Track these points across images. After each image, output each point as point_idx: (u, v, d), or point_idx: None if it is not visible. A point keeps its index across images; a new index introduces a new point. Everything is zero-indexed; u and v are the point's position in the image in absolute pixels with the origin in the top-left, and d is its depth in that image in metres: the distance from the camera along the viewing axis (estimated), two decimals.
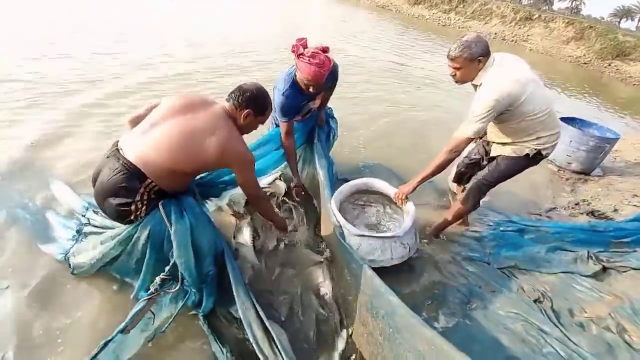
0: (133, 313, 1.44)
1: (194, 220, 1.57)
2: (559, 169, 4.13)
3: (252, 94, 1.61)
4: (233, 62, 5.95)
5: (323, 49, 2.04)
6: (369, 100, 5.38)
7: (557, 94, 8.41)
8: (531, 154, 2.05)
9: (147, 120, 1.54)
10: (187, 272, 1.53)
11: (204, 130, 1.48)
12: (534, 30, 18.64)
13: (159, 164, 1.44)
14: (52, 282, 1.82)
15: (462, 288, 2.20)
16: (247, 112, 1.61)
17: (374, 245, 1.94)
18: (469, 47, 1.83)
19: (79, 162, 2.74)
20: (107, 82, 4.37)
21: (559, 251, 2.59)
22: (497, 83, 1.84)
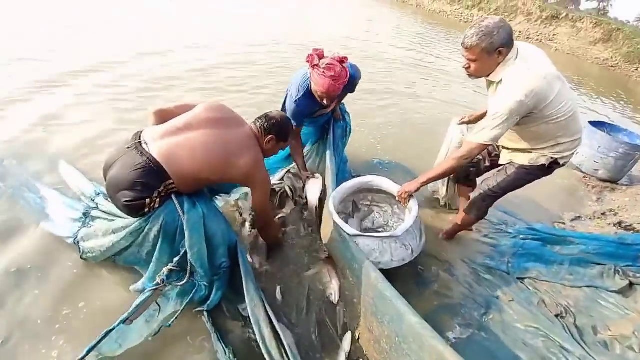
0: (137, 303, 1.39)
1: (206, 210, 1.58)
2: (585, 176, 3.93)
3: (277, 122, 1.72)
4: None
5: (341, 59, 1.94)
6: (387, 95, 5.23)
7: (584, 97, 8.08)
8: (547, 164, 1.81)
9: (180, 120, 1.56)
10: (199, 263, 1.52)
11: (238, 148, 1.57)
12: (561, 29, 17.98)
13: (188, 169, 1.47)
14: (58, 266, 1.80)
15: (479, 298, 2.08)
16: (270, 137, 1.71)
17: (372, 246, 1.81)
18: (489, 34, 1.50)
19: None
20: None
21: (583, 264, 2.44)
22: (522, 80, 1.56)
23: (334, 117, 2.58)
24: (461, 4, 22.27)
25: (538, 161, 1.82)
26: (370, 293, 1.49)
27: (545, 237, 2.60)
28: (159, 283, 1.41)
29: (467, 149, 1.74)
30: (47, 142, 2.72)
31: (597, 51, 16.25)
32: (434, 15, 21.13)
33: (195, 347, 1.56)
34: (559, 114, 1.65)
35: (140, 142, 1.46)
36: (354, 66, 2.24)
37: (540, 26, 18.68)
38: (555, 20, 18.46)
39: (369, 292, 1.50)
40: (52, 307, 1.61)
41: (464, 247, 2.49)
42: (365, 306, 1.56)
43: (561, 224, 2.94)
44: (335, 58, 1.93)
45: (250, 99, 4.14)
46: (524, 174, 1.90)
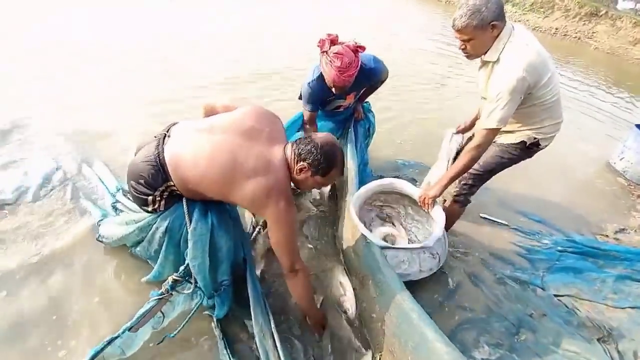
0: (141, 313, 1.34)
1: (216, 222, 1.43)
2: (630, 184, 3.61)
3: (315, 147, 1.34)
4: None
5: (355, 48, 1.77)
6: (412, 94, 5.02)
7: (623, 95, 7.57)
8: (528, 142, 1.77)
9: (207, 121, 1.40)
10: (200, 276, 1.40)
11: (252, 168, 1.26)
12: (600, 27, 17.02)
13: (188, 176, 1.30)
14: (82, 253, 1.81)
15: (510, 315, 1.91)
16: (301, 165, 1.34)
17: (400, 257, 1.69)
18: (478, 11, 1.47)
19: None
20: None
21: (628, 281, 2.21)
22: (520, 55, 1.51)
23: (355, 116, 2.44)
24: None
25: (518, 138, 1.78)
26: (393, 312, 1.36)
27: (586, 250, 2.38)
28: (163, 293, 1.35)
29: (480, 137, 1.67)
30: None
31: (637, 51, 15.32)
32: (453, 8, 20.43)
33: (200, 349, 1.49)
34: (548, 96, 1.63)
35: (166, 134, 1.39)
36: (377, 60, 2.08)
37: (578, 23, 17.75)
38: (594, 17, 17.49)
39: (392, 310, 1.37)
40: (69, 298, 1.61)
41: (493, 256, 2.30)
42: (387, 325, 1.42)
43: (604, 236, 2.68)
44: (349, 46, 1.77)
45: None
46: (505, 152, 1.85)
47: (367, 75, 2.01)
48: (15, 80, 3.36)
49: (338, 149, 1.41)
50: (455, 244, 2.32)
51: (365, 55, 1.95)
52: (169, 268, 1.55)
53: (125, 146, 2.55)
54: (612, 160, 3.92)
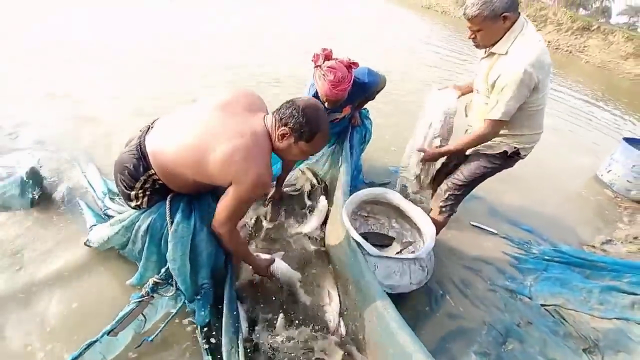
0: (121, 315, 1.31)
1: (199, 225, 1.39)
2: (617, 196, 3.67)
3: (296, 109, 1.24)
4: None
5: (349, 64, 1.79)
6: (406, 100, 5.05)
7: (615, 111, 7.71)
8: (509, 152, 1.78)
9: (190, 106, 1.39)
10: (181, 279, 1.36)
11: (220, 136, 1.18)
12: (591, 41, 17.38)
13: (166, 158, 1.28)
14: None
15: (497, 324, 1.91)
16: (282, 130, 1.26)
17: (393, 267, 1.67)
18: (489, 1, 1.46)
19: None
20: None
21: (614, 292, 2.24)
22: (531, 51, 1.49)
23: (352, 123, 2.45)
24: None
25: (500, 147, 1.79)
26: (374, 319, 1.35)
27: (573, 260, 2.40)
28: (144, 295, 1.32)
29: (486, 127, 1.66)
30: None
31: (628, 66, 15.64)
32: (459, 21, 20.76)
33: (182, 356, 1.45)
34: (536, 103, 1.63)
35: (150, 126, 1.40)
36: (371, 73, 2.10)
37: (570, 37, 18.10)
38: (586, 31, 17.86)
39: (374, 317, 1.36)
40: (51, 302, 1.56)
41: (482, 264, 2.32)
42: (369, 332, 1.41)
43: (591, 247, 2.72)
44: (342, 61, 1.79)
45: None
46: (488, 162, 1.87)
47: (361, 89, 2.03)
48: (13, 79, 3.33)
49: (322, 110, 1.32)
50: (444, 251, 2.32)
51: (360, 69, 1.96)
52: (152, 270, 1.52)
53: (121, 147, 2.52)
54: (599, 172, 3.98)
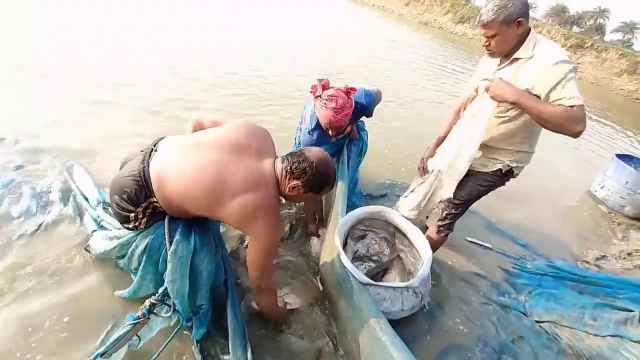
0: (116, 337, 1.28)
1: (199, 244, 1.38)
2: (610, 211, 3.71)
3: (310, 166, 1.30)
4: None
5: (347, 90, 1.83)
6: (404, 113, 5.11)
7: (608, 128, 7.83)
8: (504, 170, 1.80)
9: (199, 135, 1.36)
10: (178, 299, 1.35)
11: (240, 185, 1.22)
12: (585, 58, 17.75)
13: (172, 194, 1.26)
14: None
15: (492, 340, 1.91)
16: (295, 184, 1.31)
17: (383, 294, 1.65)
18: (504, 7, 1.46)
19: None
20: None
21: (608, 308, 2.24)
22: (559, 48, 1.50)
23: (350, 136, 2.48)
24: None
25: (495, 166, 1.82)
26: (367, 335, 1.34)
27: (568, 276, 2.41)
28: (140, 317, 1.30)
29: (577, 112, 1.41)
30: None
31: (621, 82, 15.95)
32: (454, 38, 21.12)
33: None
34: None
35: (153, 149, 1.36)
36: (367, 94, 2.14)
37: None
38: (580, 49, 18.23)
39: (367, 334, 1.35)
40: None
41: (477, 279, 2.32)
42: (363, 349, 1.40)
43: (585, 263, 2.73)
44: (340, 89, 1.83)
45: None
46: (483, 180, 1.89)
47: (360, 111, 2.08)
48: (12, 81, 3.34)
49: (331, 166, 1.38)
50: (440, 266, 2.33)
51: (356, 92, 2.00)
52: (146, 287, 1.51)
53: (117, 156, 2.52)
54: (593, 188, 4.02)
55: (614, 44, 27.66)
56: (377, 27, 16.53)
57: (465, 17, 23.79)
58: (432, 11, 26.88)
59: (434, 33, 20.35)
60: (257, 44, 7.14)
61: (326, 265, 1.85)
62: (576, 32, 31.99)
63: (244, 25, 8.81)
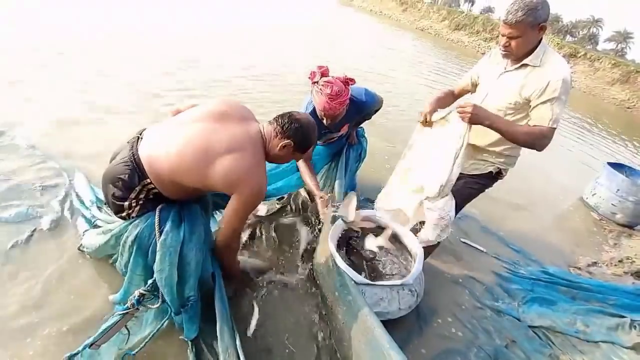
0: (104, 328, 1.28)
1: (188, 234, 1.39)
2: (602, 219, 3.77)
3: (302, 126, 1.43)
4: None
5: (345, 80, 1.84)
6: (403, 118, 5.15)
7: (599, 136, 7.94)
8: (494, 172, 1.86)
9: (181, 115, 1.43)
10: (167, 290, 1.35)
11: (226, 147, 1.27)
12: (578, 67, 17.99)
13: (163, 167, 1.30)
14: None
15: (486, 345, 1.92)
16: (287, 142, 1.41)
17: (380, 294, 1.66)
18: (534, 9, 1.45)
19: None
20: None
21: (600, 314, 2.27)
22: (564, 62, 1.56)
23: (348, 141, 2.49)
24: (479, 35, 22.53)
25: (487, 168, 1.87)
26: (362, 338, 1.35)
27: (560, 282, 2.44)
28: (129, 307, 1.30)
29: (546, 134, 1.56)
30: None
31: (614, 91, 16.19)
32: (451, 44, 21.34)
33: None
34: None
35: (139, 137, 1.40)
36: (368, 93, 2.15)
37: None
38: (573, 58, 18.49)
39: (361, 336, 1.36)
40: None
41: (472, 283, 2.34)
42: (357, 352, 1.41)
43: (577, 269, 2.77)
44: (339, 78, 1.84)
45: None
46: (474, 182, 1.92)
47: (358, 107, 2.07)
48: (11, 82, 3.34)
49: (315, 126, 1.52)
50: (434, 269, 2.35)
51: (357, 88, 2.01)
52: (137, 284, 1.47)
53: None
54: (585, 195, 4.08)
55: (607, 53, 28.16)
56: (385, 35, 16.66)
57: (461, 25, 24.05)
58: (428, 18, 27.16)
59: (431, 39, 20.55)
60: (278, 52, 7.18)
61: (322, 272, 1.85)
62: (569, 42, 32.45)
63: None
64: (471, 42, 22.16)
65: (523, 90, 1.60)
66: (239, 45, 7.09)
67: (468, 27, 23.55)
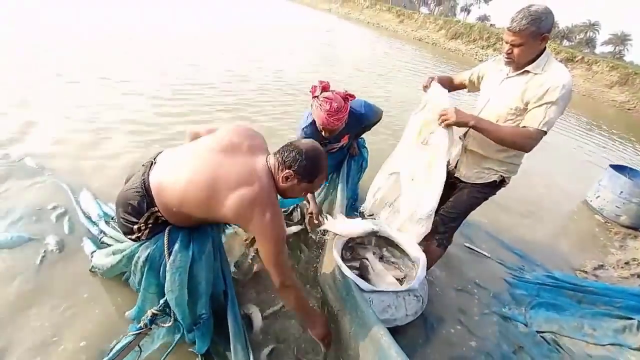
0: (118, 348, 1.31)
1: (198, 254, 1.41)
2: (606, 221, 3.77)
3: (299, 153, 1.34)
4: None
5: (345, 96, 1.90)
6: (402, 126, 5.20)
7: (600, 138, 7.95)
8: (498, 181, 1.87)
9: (193, 143, 1.42)
10: (179, 310, 1.38)
11: (234, 181, 1.24)
12: (576, 71, 18.10)
13: (170, 199, 1.30)
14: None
15: (494, 351, 1.92)
16: (287, 173, 1.34)
17: (387, 301, 1.68)
18: (538, 19, 1.49)
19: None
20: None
21: (607, 317, 2.27)
22: (565, 71, 1.59)
23: (349, 152, 2.54)
24: (476, 43, 22.80)
25: (490, 177, 1.88)
26: (370, 347, 1.36)
27: (566, 286, 2.44)
28: (142, 327, 1.32)
29: (532, 136, 1.61)
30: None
31: (613, 94, 16.25)
32: (449, 53, 21.58)
33: None
34: None
35: (152, 161, 1.41)
36: (367, 105, 2.20)
37: None
38: (570, 62, 18.62)
39: (369, 345, 1.37)
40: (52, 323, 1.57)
41: (478, 289, 2.35)
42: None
43: (583, 272, 2.77)
44: (339, 93, 1.89)
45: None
46: (478, 192, 1.93)
47: (357, 120, 2.12)
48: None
49: (322, 153, 1.42)
50: (439, 276, 2.37)
51: (356, 101, 2.07)
52: (150, 302, 1.50)
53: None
54: (588, 198, 4.09)
55: (605, 57, 28.37)
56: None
57: (458, 34, 24.36)
58: (425, 28, 27.57)
59: (429, 49, 20.79)
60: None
61: (328, 282, 1.87)
62: (566, 46, 32.70)
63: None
64: (468, 50, 22.41)
65: (524, 95, 1.64)
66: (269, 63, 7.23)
67: (465, 36, 23.86)
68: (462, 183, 1.97)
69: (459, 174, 2.00)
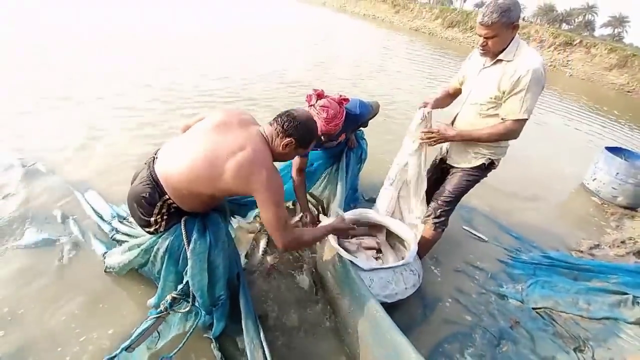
0: (140, 331, 1.39)
1: (214, 240, 1.51)
2: (604, 202, 3.84)
3: (301, 123, 1.46)
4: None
5: (340, 100, 1.96)
6: (403, 116, 5.26)
7: (600, 120, 7.97)
8: (486, 164, 1.96)
9: (189, 132, 1.52)
10: (199, 293, 1.48)
11: (228, 151, 1.34)
12: (574, 55, 18.03)
13: (177, 181, 1.39)
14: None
15: (492, 327, 2.01)
16: (288, 140, 1.45)
17: (386, 277, 1.79)
18: (508, 10, 1.59)
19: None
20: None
21: (602, 293, 2.35)
22: (538, 56, 1.68)
23: (348, 145, 2.60)
24: (473, 31, 22.66)
25: (478, 161, 1.97)
26: (367, 323, 1.46)
27: (562, 264, 2.52)
28: (162, 311, 1.42)
29: (512, 126, 1.76)
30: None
31: (612, 76, 16.20)
32: (446, 42, 21.48)
33: None
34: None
35: (154, 157, 1.51)
36: (362, 105, 2.26)
37: (553, 52, 18.76)
38: (569, 46, 18.53)
39: (367, 322, 1.47)
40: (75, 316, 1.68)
41: (475, 270, 2.44)
42: (362, 337, 1.52)
43: (579, 252, 2.84)
44: (334, 99, 1.95)
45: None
46: (469, 175, 2.03)
47: (354, 120, 2.20)
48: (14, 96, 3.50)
49: (315, 121, 1.59)
50: (436, 257, 2.46)
51: (351, 102, 2.13)
52: (169, 289, 1.59)
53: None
54: (585, 180, 4.15)
55: (604, 39, 28.13)
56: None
57: (455, 22, 24.22)
58: (421, 17, 27.41)
59: (426, 39, 20.69)
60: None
61: (328, 269, 1.95)
62: (565, 30, 32.43)
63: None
64: (465, 38, 22.29)
65: (500, 84, 1.73)
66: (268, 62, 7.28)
67: (461, 24, 23.71)
68: (454, 168, 2.07)
69: (450, 160, 2.09)
